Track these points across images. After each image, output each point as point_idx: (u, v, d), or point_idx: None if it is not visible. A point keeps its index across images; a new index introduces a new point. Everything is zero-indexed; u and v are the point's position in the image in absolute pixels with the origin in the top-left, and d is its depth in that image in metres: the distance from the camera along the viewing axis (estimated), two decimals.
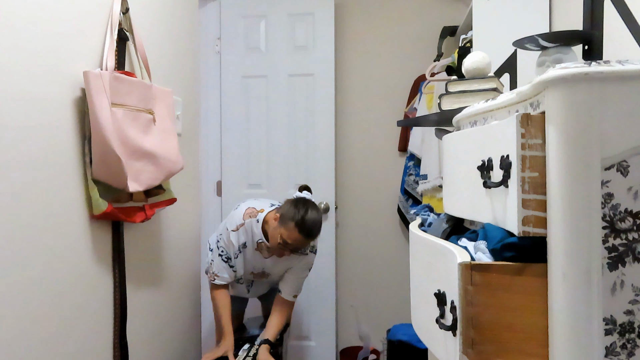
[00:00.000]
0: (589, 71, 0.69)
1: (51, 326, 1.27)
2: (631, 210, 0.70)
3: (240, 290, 2.14)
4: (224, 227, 1.99)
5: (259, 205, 1.99)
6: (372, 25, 2.84)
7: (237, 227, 1.94)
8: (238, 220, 1.94)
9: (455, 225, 1.12)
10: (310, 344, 2.75)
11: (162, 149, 1.59)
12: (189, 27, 2.20)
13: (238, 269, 1.99)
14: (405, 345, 2.21)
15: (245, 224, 1.94)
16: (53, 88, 1.27)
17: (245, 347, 1.91)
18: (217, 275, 1.96)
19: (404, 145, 2.77)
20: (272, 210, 1.95)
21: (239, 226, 1.94)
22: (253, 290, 2.18)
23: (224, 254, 1.96)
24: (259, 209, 1.95)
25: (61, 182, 1.31)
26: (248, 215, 1.94)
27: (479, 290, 0.78)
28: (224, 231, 1.98)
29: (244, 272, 2.02)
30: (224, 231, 1.98)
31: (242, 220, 1.94)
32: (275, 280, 2.10)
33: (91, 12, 1.43)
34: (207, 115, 2.75)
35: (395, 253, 2.81)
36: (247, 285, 2.14)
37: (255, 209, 1.96)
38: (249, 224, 1.94)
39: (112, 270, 1.56)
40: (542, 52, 1.21)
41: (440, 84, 2.18)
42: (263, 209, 1.95)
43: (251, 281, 2.14)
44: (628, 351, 0.71)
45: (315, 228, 1.85)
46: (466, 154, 0.99)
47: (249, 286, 2.14)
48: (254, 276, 2.08)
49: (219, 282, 1.96)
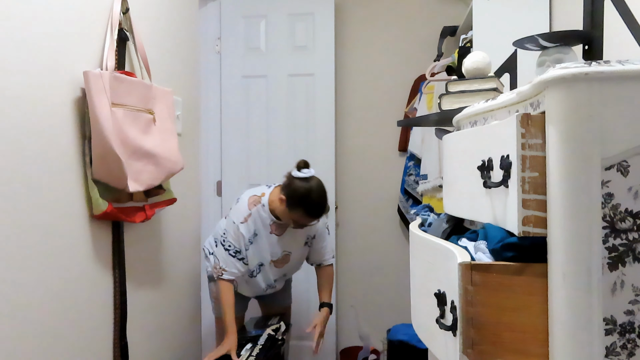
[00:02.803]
0: (589, 71, 0.69)
1: (51, 326, 1.27)
2: (631, 210, 0.70)
3: (255, 284, 2.07)
4: (229, 223, 1.96)
5: (258, 190, 2.00)
6: (372, 25, 2.84)
7: (245, 219, 1.93)
8: (244, 211, 1.94)
9: (455, 225, 1.12)
10: (310, 344, 2.75)
11: (162, 149, 1.59)
12: (189, 27, 2.20)
13: (251, 260, 1.97)
14: (405, 345, 2.21)
15: (252, 213, 1.94)
16: (53, 88, 1.27)
17: (248, 347, 1.91)
18: (224, 269, 1.92)
19: (404, 145, 2.77)
20: (273, 189, 1.97)
21: (247, 217, 1.93)
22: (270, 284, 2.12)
23: (231, 248, 1.93)
24: (260, 194, 1.97)
25: (61, 182, 1.31)
26: (252, 204, 1.94)
27: (479, 290, 0.78)
28: (229, 226, 1.95)
29: (264, 262, 2.00)
30: (229, 226, 1.95)
31: (248, 210, 1.93)
32: (298, 260, 2.10)
33: (91, 12, 1.43)
34: (207, 115, 2.74)
35: (395, 253, 2.81)
36: (265, 280, 2.08)
37: (256, 195, 1.96)
38: (255, 212, 1.94)
39: (112, 270, 1.56)
40: (542, 52, 1.21)
41: (440, 84, 2.18)
42: (263, 192, 1.97)
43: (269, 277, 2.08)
44: (628, 351, 0.71)
45: (323, 207, 1.88)
46: (466, 154, 0.99)
47: (267, 280, 2.09)
48: (275, 265, 2.03)
49: (227, 276, 1.92)
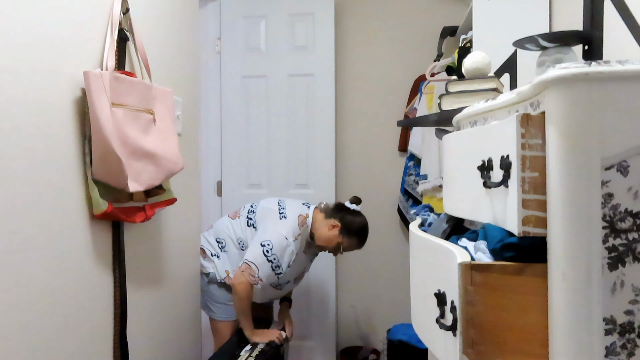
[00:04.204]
0: (589, 71, 0.69)
1: (51, 326, 1.27)
2: (631, 210, 0.70)
3: (270, 295, 2.11)
4: (277, 235, 1.93)
5: (302, 210, 2.05)
6: (372, 25, 2.84)
7: (295, 237, 1.96)
8: (296, 230, 1.97)
9: (455, 225, 1.12)
10: (310, 344, 2.75)
11: (163, 149, 1.59)
12: (189, 27, 2.20)
13: (285, 275, 1.99)
14: (405, 345, 2.22)
15: (302, 231, 1.99)
16: (53, 88, 1.27)
17: (248, 348, 1.91)
18: (261, 279, 1.91)
19: (404, 145, 2.77)
20: (314, 211, 2.05)
21: (297, 236, 1.97)
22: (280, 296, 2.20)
23: (275, 261, 1.92)
24: (305, 214, 2.03)
25: (61, 182, 1.31)
26: (301, 223, 1.99)
27: (479, 290, 0.78)
28: (277, 239, 1.92)
29: (290, 279, 2.06)
30: (277, 239, 1.92)
31: (299, 230, 1.98)
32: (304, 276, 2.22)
33: (91, 12, 1.43)
34: (207, 115, 2.75)
35: (395, 253, 2.81)
36: (280, 293, 2.14)
37: (302, 215, 2.02)
38: (304, 231, 2.00)
39: (112, 270, 1.56)
40: (542, 52, 1.21)
41: (440, 84, 2.18)
42: (307, 213, 2.04)
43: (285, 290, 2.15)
44: (628, 351, 0.71)
45: (366, 239, 2.07)
46: (466, 154, 0.99)
47: (281, 294, 2.16)
48: (295, 281, 2.12)
49: (259, 286, 1.93)
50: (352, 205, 2.04)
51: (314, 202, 2.13)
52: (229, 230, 2.07)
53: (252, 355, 1.85)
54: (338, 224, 1.98)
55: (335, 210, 2.04)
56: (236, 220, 2.09)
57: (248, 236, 2.04)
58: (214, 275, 2.05)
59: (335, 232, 1.98)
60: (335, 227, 1.98)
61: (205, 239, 2.12)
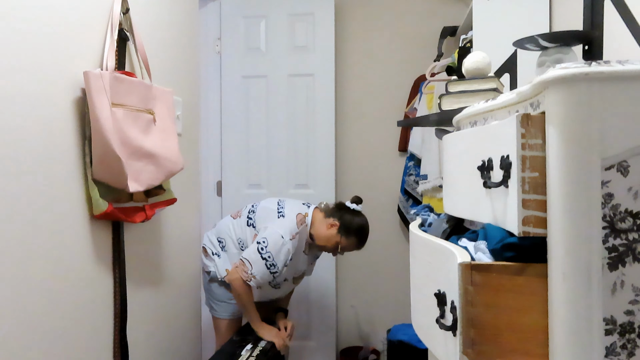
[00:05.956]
0: (589, 71, 0.69)
1: (51, 326, 1.27)
2: (631, 210, 0.70)
3: (268, 294, 2.09)
4: (274, 234, 1.92)
5: (302, 209, 2.04)
6: (372, 25, 2.84)
7: (293, 236, 1.94)
8: (294, 229, 1.95)
9: (455, 225, 1.12)
10: (310, 344, 2.75)
11: (163, 149, 1.59)
12: (189, 27, 2.20)
13: (281, 274, 1.97)
14: (405, 345, 2.22)
15: (300, 231, 1.97)
16: (53, 88, 1.27)
17: (249, 347, 1.91)
18: (254, 276, 1.89)
19: (404, 145, 2.77)
20: (314, 210, 2.04)
21: (294, 235, 1.95)
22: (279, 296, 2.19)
23: (269, 259, 1.89)
24: (304, 213, 2.02)
25: (61, 182, 1.31)
26: (300, 222, 1.98)
27: (479, 290, 0.78)
28: (273, 238, 1.91)
29: (288, 278, 2.05)
30: (273, 238, 1.91)
31: (297, 228, 1.96)
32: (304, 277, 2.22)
33: (91, 12, 1.43)
34: (207, 115, 2.74)
35: (395, 253, 2.81)
36: (278, 293, 2.12)
37: (301, 214, 2.01)
38: (302, 230, 1.98)
39: (112, 270, 1.56)
40: (542, 52, 1.21)
41: (440, 84, 2.18)
42: (307, 212, 2.03)
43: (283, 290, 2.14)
44: (628, 351, 0.71)
45: (366, 240, 2.05)
46: (466, 154, 0.99)
47: (278, 293, 2.14)
48: (293, 281, 2.11)
49: (253, 283, 1.91)
50: (353, 205, 2.03)
51: (314, 202, 2.12)
52: (229, 229, 2.07)
53: (253, 355, 1.85)
54: (337, 222, 1.97)
55: (335, 209, 2.03)
56: (237, 219, 2.09)
57: (247, 236, 2.04)
58: (214, 273, 2.06)
59: (333, 231, 1.96)
60: (333, 226, 1.96)
61: (208, 238, 2.13)
